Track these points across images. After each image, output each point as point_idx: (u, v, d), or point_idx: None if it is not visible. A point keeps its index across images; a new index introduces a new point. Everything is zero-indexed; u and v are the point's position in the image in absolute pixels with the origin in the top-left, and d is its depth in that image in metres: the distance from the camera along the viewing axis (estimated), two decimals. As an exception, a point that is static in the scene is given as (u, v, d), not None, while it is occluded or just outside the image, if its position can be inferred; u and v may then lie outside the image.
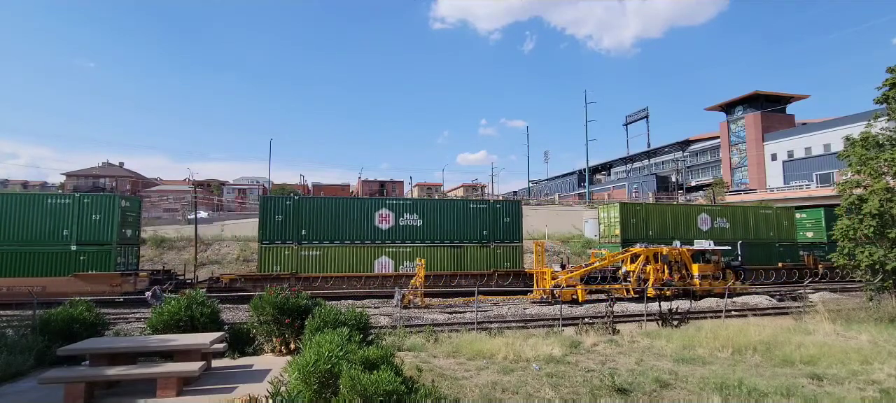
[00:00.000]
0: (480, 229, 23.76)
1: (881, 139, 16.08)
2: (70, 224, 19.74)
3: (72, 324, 8.85)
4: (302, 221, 21.81)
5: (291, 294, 9.39)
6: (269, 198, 22.70)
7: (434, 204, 24.60)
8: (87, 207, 19.94)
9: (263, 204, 22.03)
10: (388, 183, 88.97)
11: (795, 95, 70.92)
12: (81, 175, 74.53)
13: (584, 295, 19.50)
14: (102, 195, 21.28)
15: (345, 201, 24.14)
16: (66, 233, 19.68)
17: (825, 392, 7.24)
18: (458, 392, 6.96)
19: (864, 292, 16.69)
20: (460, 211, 23.94)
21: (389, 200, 24.44)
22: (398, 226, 22.87)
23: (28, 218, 19.51)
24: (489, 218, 23.95)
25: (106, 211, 20.08)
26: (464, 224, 23.62)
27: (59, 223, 19.70)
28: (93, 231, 19.86)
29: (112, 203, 20.34)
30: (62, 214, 19.72)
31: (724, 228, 27.56)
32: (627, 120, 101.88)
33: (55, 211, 19.71)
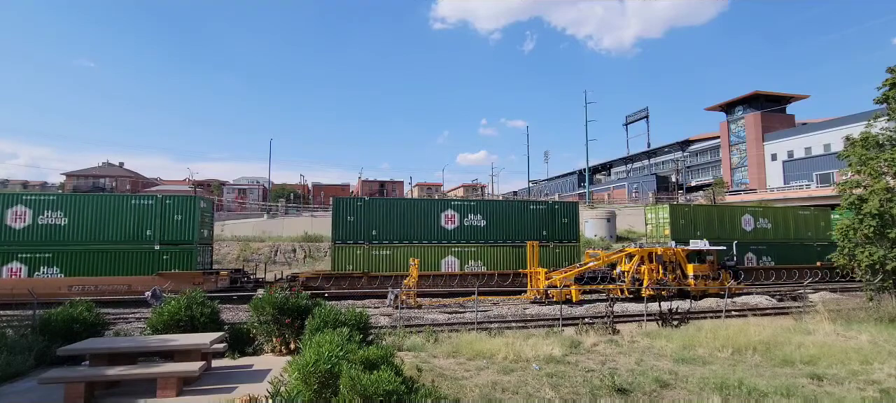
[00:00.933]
0: (540, 229, 24.48)
1: (881, 139, 16.08)
2: (153, 224, 20.42)
3: (72, 324, 8.85)
4: (372, 222, 22.59)
5: (291, 294, 9.39)
6: (341, 200, 23.56)
7: (497, 205, 25.48)
8: (169, 208, 20.68)
9: (336, 206, 22.77)
10: (388, 183, 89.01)
11: (795, 95, 70.95)
12: (81, 175, 74.57)
13: (578, 295, 19.51)
14: (184, 197, 22.01)
15: (413, 202, 25.33)
16: (150, 233, 20.34)
17: (825, 392, 7.24)
18: (458, 392, 6.97)
19: (865, 292, 16.69)
20: (521, 211, 24.76)
21: (454, 201, 25.26)
22: (463, 227, 23.68)
23: (114, 219, 20.17)
24: (548, 219, 24.76)
25: (187, 212, 20.84)
26: (525, 224, 24.39)
27: (143, 223, 20.37)
28: (175, 231, 20.58)
29: (193, 204, 21.09)
30: (146, 215, 20.44)
31: (767, 228, 28.03)
32: (627, 120, 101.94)
33: (139, 211, 20.43)
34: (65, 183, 74.69)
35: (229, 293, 19.23)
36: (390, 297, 18.17)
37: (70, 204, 20.12)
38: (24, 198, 20.04)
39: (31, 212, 19.66)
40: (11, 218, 19.54)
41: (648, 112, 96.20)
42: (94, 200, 20.63)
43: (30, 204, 19.76)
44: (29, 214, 19.62)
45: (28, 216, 19.63)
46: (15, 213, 19.60)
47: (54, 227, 19.76)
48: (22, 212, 19.60)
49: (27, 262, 19.35)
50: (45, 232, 19.68)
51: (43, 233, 19.66)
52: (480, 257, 23.19)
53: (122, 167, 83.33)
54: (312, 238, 36.28)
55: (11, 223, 19.53)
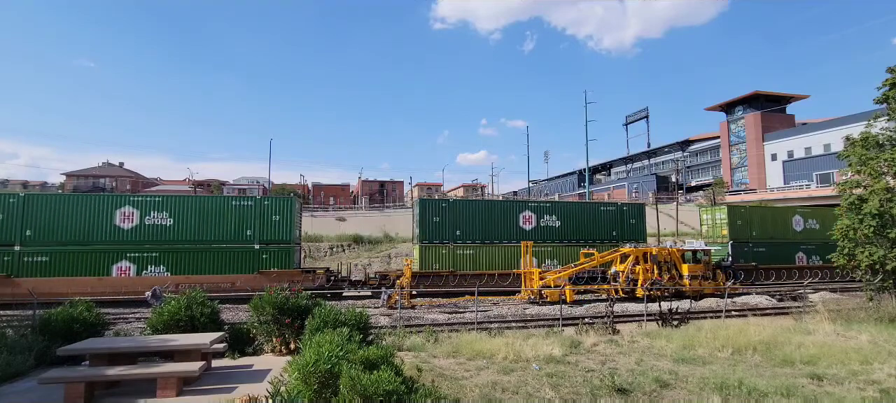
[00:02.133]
0: (610, 229, 25.59)
1: (881, 139, 16.07)
2: (252, 224, 21.08)
3: (72, 324, 8.85)
4: (456, 222, 23.55)
5: (291, 294, 9.39)
6: (427, 202, 24.48)
7: (571, 207, 26.68)
8: (267, 209, 21.39)
9: (422, 207, 23.66)
10: (388, 183, 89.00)
11: (795, 95, 70.96)
12: (81, 175, 74.54)
13: (573, 295, 19.51)
14: (282, 197, 22.57)
15: (494, 204, 26.84)
16: (249, 233, 21.04)
17: (825, 392, 7.24)
18: (458, 392, 6.97)
19: (865, 292, 16.68)
20: (593, 212, 26.00)
21: (531, 202, 26.68)
22: (539, 227, 24.79)
23: (216, 219, 20.86)
24: (617, 219, 25.94)
25: (284, 213, 21.52)
26: (596, 224, 25.56)
27: (243, 223, 21.02)
28: (273, 231, 21.26)
29: (290, 205, 21.82)
30: (246, 215, 21.11)
31: (815, 228, 28.76)
32: (627, 120, 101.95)
33: (240, 212, 21.11)
34: (65, 183, 74.66)
35: (325, 290, 19.70)
36: (383, 297, 18.15)
37: (175, 205, 20.82)
38: (131, 200, 20.83)
39: (138, 213, 20.37)
40: (120, 218, 20.22)
41: (648, 112, 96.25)
42: (197, 201, 21.42)
43: (137, 205, 20.50)
44: (136, 215, 20.34)
45: (136, 216, 20.35)
46: (123, 214, 20.29)
47: (160, 227, 20.45)
48: (130, 213, 20.33)
49: (136, 261, 20.08)
50: (152, 232, 20.38)
51: (150, 233, 20.36)
52: (556, 256, 24.26)
53: (122, 167, 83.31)
54: (313, 238, 36.32)
55: (120, 223, 20.20)
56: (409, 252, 33.88)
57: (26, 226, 19.50)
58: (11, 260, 19.22)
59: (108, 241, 19.92)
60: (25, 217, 19.52)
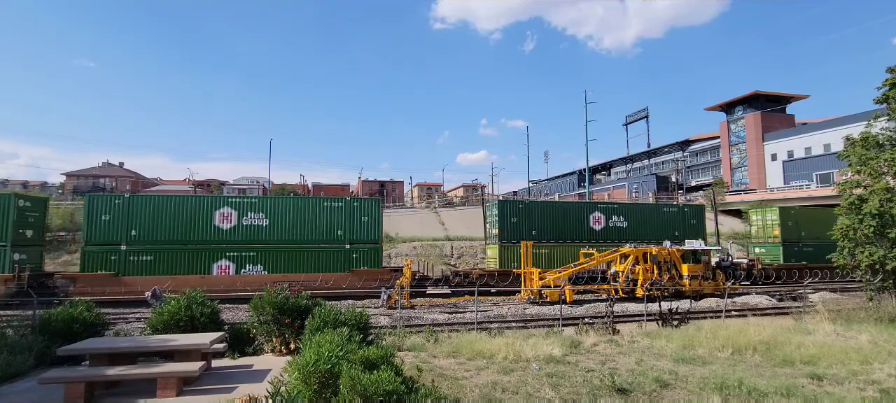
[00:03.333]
0: (673, 230, 27.00)
1: (881, 139, 16.06)
2: (343, 225, 21.99)
3: (72, 324, 8.85)
4: (532, 223, 24.83)
5: (291, 294, 9.39)
6: (505, 203, 25.56)
7: (636, 208, 28.17)
8: (356, 210, 22.36)
9: (501, 208, 25.00)
10: (388, 183, 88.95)
11: (795, 95, 70.93)
12: (81, 175, 74.51)
13: (572, 295, 19.50)
14: (370, 199, 23.67)
15: (566, 205, 28.36)
16: (340, 233, 21.97)
17: (825, 392, 7.23)
18: (458, 392, 6.96)
19: (865, 292, 16.67)
20: (657, 214, 27.78)
21: (601, 204, 27.84)
22: (608, 227, 26.04)
23: (309, 220, 21.73)
24: (679, 220, 27.52)
25: (372, 214, 22.50)
26: (659, 224, 27.07)
27: (334, 224, 21.92)
28: (362, 231, 22.22)
29: (377, 206, 22.94)
30: (337, 216, 22.01)
31: None
32: (627, 120, 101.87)
33: (331, 213, 22.01)
34: (65, 183, 74.64)
35: (412, 288, 20.40)
36: (383, 297, 18.16)
37: (270, 206, 21.64)
38: (230, 201, 21.66)
39: (236, 214, 21.17)
40: (219, 219, 21.01)
41: (648, 112, 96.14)
42: (291, 202, 22.29)
43: (235, 206, 21.29)
44: (235, 216, 21.15)
45: (234, 217, 21.16)
46: (222, 215, 21.11)
47: (257, 228, 21.26)
48: (228, 214, 21.17)
49: (235, 260, 20.88)
50: (249, 232, 21.19)
51: (247, 233, 21.17)
52: None
53: (122, 167, 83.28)
54: None
55: (220, 223, 20.99)
56: (409, 251, 34.02)
57: (131, 227, 20.23)
58: (118, 260, 19.93)
59: (208, 241, 20.74)
60: (130, 217, 20.25)
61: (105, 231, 20.09)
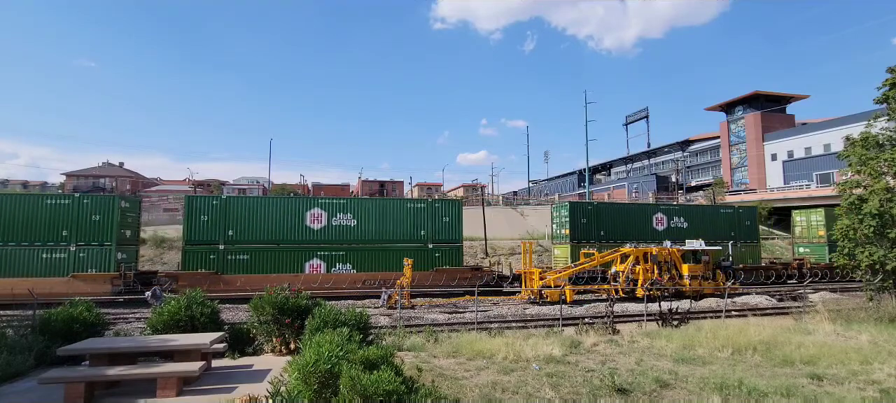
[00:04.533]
0: (729, 230, 28.04)
1: (881, 139, 16.06)
2: (426, 225, 22.95)
3: (72, 324, 8.85)
4: (600, 223, 26.01)
5: (291, 294, 9.39)
6: (577, 205, 26.73)
7: (696, 209, 29.34)
8: (438, 211, 23.39)
9: (572, 209, 26.02)
10: (388, 183, 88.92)
11: (795, 95, 70.92)
12: (81, 175, 74.50)
13: (573, 295, 19.51)
14: (452, 201, 24.93)
15: (630, 207, 29.53)
16: (423, 233, 22.90)
17: (825, 392, 7.23)
18: (458, 392, 6.96)
19: (864, 292, 16.68)
20: (714, 215, 28.88)
21: (663, 206, 29.06)
22: (670, 228, 27.31)
23: (393, 220, 22.70)
24: (734, 221, 28.54)
25: (453, 215, 23.53)
26: (716, 226, 28.22)
27: (418, 224, 22.87)
28: (444, 231, 23.23)
29: (459, 208, 24.15)
30: (419, 217, 22.97)
31: None
32: (627, 120, 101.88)
33: (414, 213, 23.02)
34: (65, 183, 74.60)
35: (491, 287, 21.44)
36: (383, 297, 18.17)
37: (357, 207, 22.66)
38: (320, 202, 22.50)
39: (326, 215, 22.04)
40: (310, 219, 21.86)
41: (648, 112, 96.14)
42: (377, 204, 23.37)
43: (325, 207, 22.18)
44: (325, 216, 22.02)
45: (324, 218, 22.04)
46: (313, 215, 21.97)
47: (346, 228, 22.17)
48: (318, 215, 22.05)
49: (325, 259, 21.79)
50: (338, 232, 22.09)
51: (336, 233, 22.05)
52: None
53: (122, 167, 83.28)
54: None
55: (311, 224, 21.85)
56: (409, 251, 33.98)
57: (228, 227, 21.09)
58: (217, 259, 20.79)
59: (300, 241, 21.58)
60: (227, 218, 21.11)
61: (204, 231, 20.97)
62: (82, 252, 19.78)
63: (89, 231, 19.95)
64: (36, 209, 19.69)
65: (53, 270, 19.47)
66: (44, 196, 20.97)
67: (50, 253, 19.55)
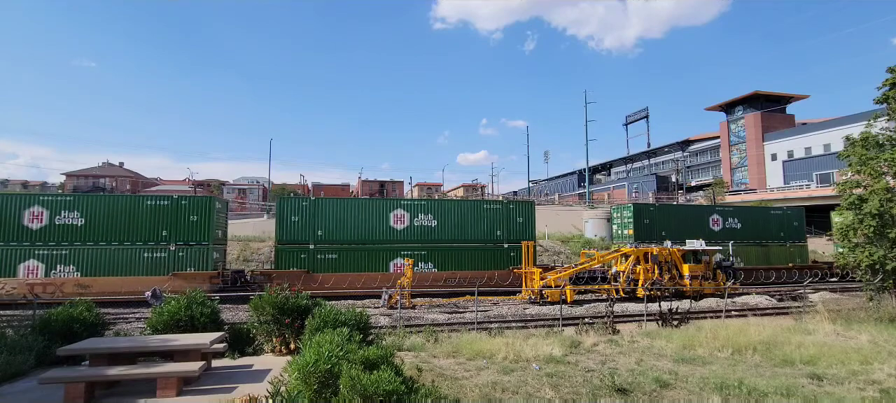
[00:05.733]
0: (779, 231, 28.83)
1: (881, 139, 16.04)
2: (501, 225, 23.92)
3: (72, 324, 8.85)
4: (661, 224, 26.96)
5: (291, 294, 9.39)
6: (640, 206, 27.68)
7: (748, 211, 30.00)
8: (512, 212, 24.34)
9: (636, 210, 26.83)
10: (388, 183, 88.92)
11: (795, 95, 70.94)
12: (81, 175, 74.53)
13: (573, 295, 19.51)
14: (525, 202, 25.59)
15: (686, 208, 30.29)
16: (499, 233, 23.85)
17: (825, 392, 7.23)
18: (458, 392, 6.96)
19: (864, 292, 16.67)
20: (764, 215, 29.49)
21: (718, 208, 29.82)
22: (725, 228, 27.81)
23: (471, 221, 23.59)
24: (784, 222, 29.27)
25: (526, 215, 24.56)
26: (768, 226, 28.84)
27: (494, 224, 23.85)
28: (518, 231, 24.04)
29: (532, 209, 25.14)
30: (495, 218, 23.97)
31: None
32: (627, 120, 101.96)
33: (491, 215, 23.97)
34: (65, 182, 74.63)
35: None
36: (384, 297, 18.17)
37: (438, 208, 23.78)
38: (403, 203, 23.61)
39: (408, 215, 23.20)
40: (394, 220, 22.97)
41: (648, 112, 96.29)
42: (456, 205, 24.42)
43: (407, 208, 23.35)
44: (407, 217, 23.16)
45: (407, 218, 23.10)
46: (396, 216, 23.04)
47: (427, 228, 23.23)
48: (401, 215, 23.10)
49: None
50: (421, 233, 23.14)
51: (419, 233, 23.12)
52: (739, 254, 26.95)
53: (122, 167, 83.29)
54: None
55: (394, 224, 22.94)
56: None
57: (317, 227, 21.97)
58: (308, 257, 21.66)
59: (385, 240, 22.50)
60: (316, 219, 21.98)
61: (295, 231, 21.81)
62: (181, 251, 20.43)
63: (187, 231, 20.58)
64: (137, 210, 20.38)
65: (154, 269, 20.11)
66: (144, 197, 21.55)
67: (151, 252, 20.23)
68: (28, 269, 19.26)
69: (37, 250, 19.41)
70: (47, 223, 19.58)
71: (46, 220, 19.59)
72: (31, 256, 19.35)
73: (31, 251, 19.37)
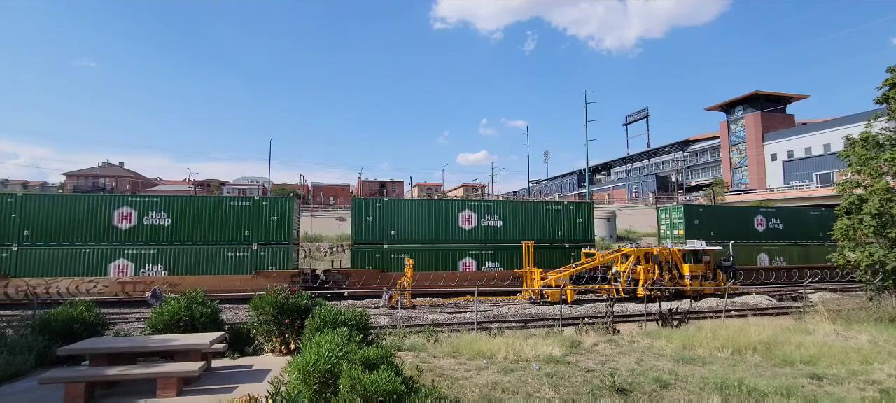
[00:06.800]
0: (817, 231, 29.19)
1: (881, 139, 16.04)
2: (562, 225, 25.02)
3: (72, 324, 8.84)
4: (711, 225, 27.41)
5: (291, 294, 9.38)
6: (690, 207, 28.55)
7: (791, 212, 30.75)
8: (572, 213, 25.41)
9: (686, 211, 27.45)
10: (388, 183, 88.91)
11: (795, 95, 70.92)
12: (81, 175, 74.53)
13: (574, 295, 19.51)
14: (585, 203, 26.64)
15: (735, 209, 30.94)
16: (560, 233, 24.96)
17: (825, 392, 7.23)
18: (458, 392, 6.96)
19: (864, 292, 16.66)
20: (803, 216, 30.18)
21: (762, 209, 30.47)
22: (769, 228, 28.80)
23: (536, 221, 24.67)
24: (824, 222, 28.98)
25: (585, 216, 25.76)
26: (808, 227, 29.44)
27: (556, 225, 24.89)
28: (578, 231, 25.09)
29: (591, 209, 26.48)
30: (557, 218, 24.98)
31: None
32: (627, 120, 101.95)
33: (552, 215, 24.99)
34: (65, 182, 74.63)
35: None
36: (384, 297, 18.18)
37: (503, 209, 24.86)
38: (470, 204, 24.98)
39: (476, 216, 24.29)
40: (462, 221, 24.03)
41: (648, 112, 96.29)
42: (520, 206, 25.62)
43: (475, 209, 24.51)
44: (474, 217, 24.25)
45: (474, 219, 24.24)
46: (464, 217, 24.07)
47: (493, 228, 24.29)
48: (469, 216, 24.16)
49: (476, 257, 24.03)
50: (486, 233, 24.19)
51: (484, 234, 24.18)
52: (782, 253, 28.33)
53: (122, 167, 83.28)
54: (312, 238, 36.26)
55: (462, 225, 24.03)
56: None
57: (391, 228, 22.90)
58: (382, 257, 22.57)
59: (453, 240, 23.39)
60: (389, 220, 22.95)
61: (370, 231, 22.72)
62: (263, 251, 21.09)
63: (269, 231, 21.23)
64: (221, 211, 21.03)
65: (237, 268, 20.74)
66: (228, 198, 22.28)
67: (234, 252, 20.88)
68: (118, 268, 19.87)
69: (126, 249, 20.04)
70: (136, 223, 20.27)
71: (135, 221, 20.28)
72: (121, 256, 19.97)
73: (120, 250, 19.98)
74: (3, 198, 19.62)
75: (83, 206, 19.92)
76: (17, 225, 19.25)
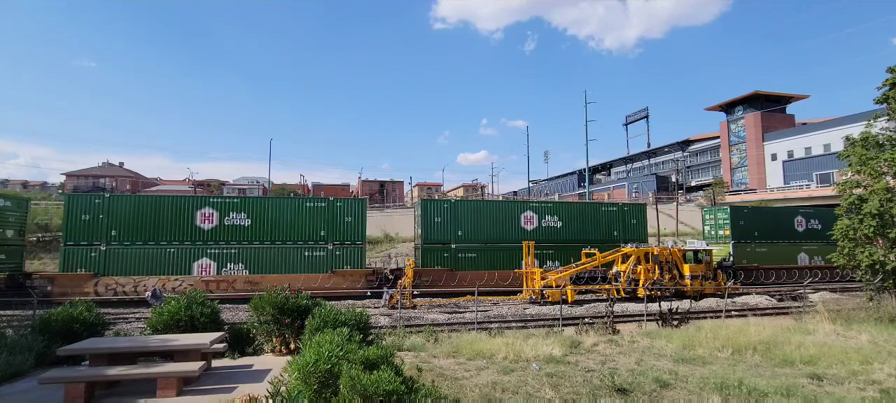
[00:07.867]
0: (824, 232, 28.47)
1: (881, 139, 16.04)
2: (617, 226, 25.96)
3: (72, 324, 8.84)
4: (755, 226, 27.65)
5: (291, 294, 9.38)
6: (736, 209, 28.79)
7: (829, 212, 30.69)
8: (626, 214, 26.40)
9: (733, 213, 27.58)
10: (388, 183, 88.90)
11: (795, 95, 70.91)
12: (81, 175, 74.49)
13: (574, 295, 19.51)
14: (637, 205, 27.40)
15: (778, 211, 31.41)
16: (616, 233, 25.78)
17: (825, 392, 7.23)
18: (458, 392, 6.96)
19: (864, 292, 16.66)
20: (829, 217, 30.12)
21: (802, 209, 30.82)
22: (808, 229, 28.93)
23: (592, 222, 25.66)
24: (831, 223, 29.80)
25: (640, 217, 26.46)
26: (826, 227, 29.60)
27: (611, 225, 25.86)
28: (631, 232, 26.01)
29: (643, 211, 27.24)
30: (612, 219, 25.97)
31: None
32: (627, 120, 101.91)
33: (608, 217, 26.01)
34: (65, 182, 74.61)
35: None
36: (385, 297, 18.18)
37: (563, 210, 25.79)
38: (532, 205, 25.82)
39: (537, 217, 25.13)
40: (524, 221, 24.90)
41: (648, 112, 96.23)
42: (578, 207, 26.60)
43: (536, 210, 25.36)
44: (535, 218, 25.13)
45: (535, 220, 25.11)
46: (525, 218, 24.92)
47: (553, 228, 25.17)
48: (530, 217, 25.05)
49: (538, 257, 23.53)
50: (548, 233, 25.08)
51: (546, 234, 25.06)
52: (820, 253, 28.11)
53: (122, 167, 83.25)
54: None
55: (524, 225, 24.87)
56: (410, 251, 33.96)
57: (458, 228, 23.68)
58: (450, 256, 23.42)
59: (516, 240, 23.53)
60: (456, 220, 23.71)
61: (438, 231, 23.45)
62: (338, 251, 21.83)
63: (343, 231, 21.97)
64: (299, 212, 21.78)
65: (314, 267, 21.41)
66: (304, 199, 23.32)
67: (311, 251, 21.62)
68: (201, 267, 20.49)
69: (209, 249, 20.67)
70: (217, 223, 20.90)
71: (216, 221, 20.90)
72: (204, 255, 20.60)
73: (203, 250, 20.61)
74: (91, 200, 20.21)
75: (167, 207, 20.55)
76: (105, 225, 19.79)
